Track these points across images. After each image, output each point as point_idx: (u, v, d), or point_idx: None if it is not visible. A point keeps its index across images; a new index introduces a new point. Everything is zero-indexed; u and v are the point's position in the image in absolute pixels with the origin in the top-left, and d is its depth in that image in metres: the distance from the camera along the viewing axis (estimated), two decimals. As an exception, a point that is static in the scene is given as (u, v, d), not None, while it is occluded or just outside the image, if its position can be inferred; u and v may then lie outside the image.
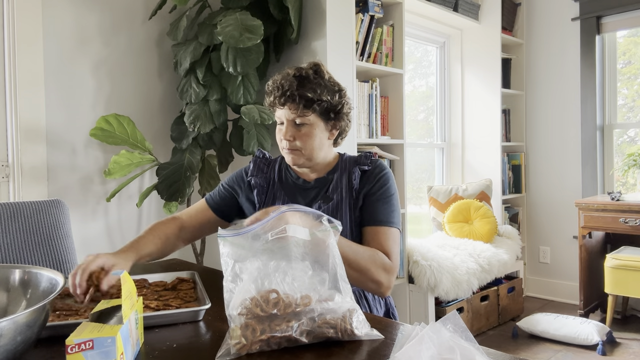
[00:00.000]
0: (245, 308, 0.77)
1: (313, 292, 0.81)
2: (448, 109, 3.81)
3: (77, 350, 0.64)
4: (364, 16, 2.68)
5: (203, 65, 2.24)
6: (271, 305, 0.77)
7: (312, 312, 0.79)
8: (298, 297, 0.79)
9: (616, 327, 2.99)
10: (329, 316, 0.80)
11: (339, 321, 0.80)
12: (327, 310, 0.80)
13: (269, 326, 0.76)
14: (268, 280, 0.80)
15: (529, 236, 3.82)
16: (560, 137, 3.65)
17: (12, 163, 2.03)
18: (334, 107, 1.27)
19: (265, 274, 0.81)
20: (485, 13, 3.58)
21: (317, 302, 0.80)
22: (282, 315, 0.77)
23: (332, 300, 0.81)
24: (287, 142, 1.26)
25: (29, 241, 1.39)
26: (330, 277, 0.85)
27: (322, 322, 0.79)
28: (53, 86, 2.13)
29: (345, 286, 0.85)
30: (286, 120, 1.26)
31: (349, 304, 0.82)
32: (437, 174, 3.80)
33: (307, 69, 1.28)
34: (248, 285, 0.79)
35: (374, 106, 2.77)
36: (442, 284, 2.67)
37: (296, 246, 0.84)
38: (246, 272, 0.80)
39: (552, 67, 3.67)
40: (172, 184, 2.19)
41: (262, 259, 0.82)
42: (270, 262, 0.82)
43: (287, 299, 0.78)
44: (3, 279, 0.87)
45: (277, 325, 0.76)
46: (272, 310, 0.77)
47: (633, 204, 2.80)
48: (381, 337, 0.82)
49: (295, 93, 1.22)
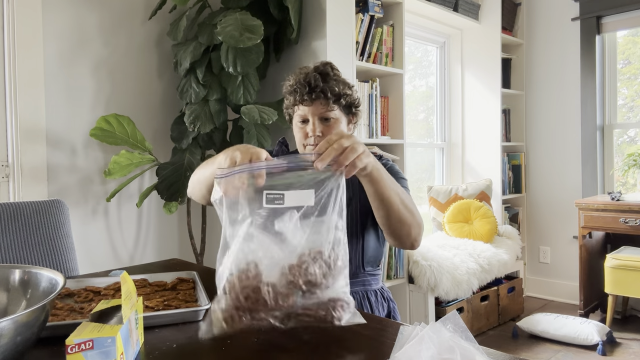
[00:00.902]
0: (227, 291, 0.75)
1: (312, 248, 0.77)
2: (448, 109, 3.81)
3: (77, 350, 0.63)
4: (364, 16, 2.68)
5: (203, 65, 2.24)
6: (250, 302, 0.74)
7: (294, 302, 0.76)
8: (286, 266, 0.75)
9: (616, 327, 2.99)
10: (310, 305, 0.77)
11: (321, 311, 0.77)
12: (309, 302, 0.77)
13: (249, 315, 0.75)
14: (254, 246, 0.76)
15: (529, 236, 3.82)
16: (560, 137, 3.65)
17: (12, 163, 2.03)
18: (354, 101, 1.31)
19: (253, 239, 0.76)
20: (485, 13, 3.58)
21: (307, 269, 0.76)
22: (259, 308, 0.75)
23: (333, 255, 0.78)
24: (314, 139, 1.25)
25: (29, 241, 1.39)
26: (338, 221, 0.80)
27: (304, 312, 0.77)
28: (53, 86, 2.13)
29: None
30: (312, 116, 1.25)
31: (335, 293, 0.78)
32: (437, 174, 3.80)
33: (322, 65, 1.29)
34: (233, 257, 0.75)
35: (374, 106, 2.77)
36: (442, 284, 2.67)
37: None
38: (234, 238, 0.77)
39: (552, 67, 3.67)
40: (172, 184, 2.19)
41: (256, 218, 0.78)
42: (260, 229, 0.77)
43: (268, 293, 0.74)
44: (3, 279, 0.87)
45: (256, 314, 0.75)
46: (249, 306, 0.74)
47: (633, 204, 2.80)
48: (363, 321, 0.79)
49: (326, 88, 1.24)
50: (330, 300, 0.78)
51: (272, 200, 0.80)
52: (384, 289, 1.39)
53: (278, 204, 0.80)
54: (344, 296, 0.80)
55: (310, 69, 1.28)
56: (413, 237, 1.15)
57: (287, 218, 0.78)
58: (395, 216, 1.09)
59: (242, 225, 0.78)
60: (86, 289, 1.06)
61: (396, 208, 1.07)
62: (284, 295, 0.75)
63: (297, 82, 1.26)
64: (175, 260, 1.51)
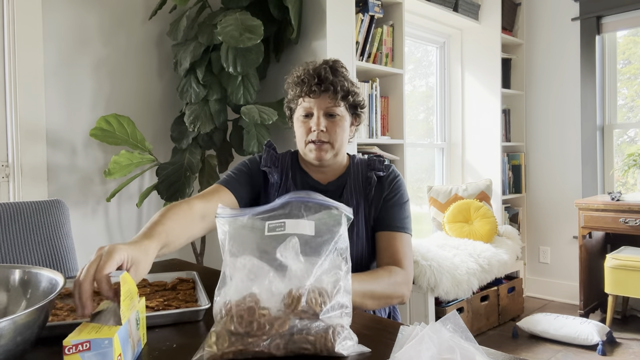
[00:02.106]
0: (223, 315, 0.72)
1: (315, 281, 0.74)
2: (448, 109, 3.81)
3: (74, 351, 0.63)
4: (364, 16, 2.68)
5: (203, 65, 2.24)
6: (244, 325, 0.71)
7: (291, 328, 0.72)
8: (285, 293, 0.72)
9: (616, 327, 2.99)
10: (309, 331, 0.72)
11: (319, 337, 0.72)
12: (308, 326, 0.72)
13: (241, 339, 0.71)
14: (254, 275, 0.74)
15: (529, 236, 3.82)
16: (560, 137, 3.65)
17: (12, 163, 2.03)
18: (360, 101, 1.29)
19: (253, 273, 0.75)
20: (485, 13, 3.58)
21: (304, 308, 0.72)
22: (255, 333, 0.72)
23: (334, 294, 0.74)
24: (317, 134, 1.21)
25: (29, 241, 1.39)
26: (344, 263, 0.78)
27: (300, 338, 0.72)
28: (53, 86, 2.13)
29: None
30: (318, 110, 1.22)
31: (336, 320, 0.74)
32: (437, 174, 3.80)
33: (331, 61, 1.26)
34: (233, 285, 0.74)
35: (374, 106, 2.77)
36: (442, 284, 2.67)
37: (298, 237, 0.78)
38: (236, 270, 0.75)
39: (552, 67, 3.67)
40: (172, 184, 2.19)
41: (256, 254, 0.77)
42: (262, 261, 0.75)
43: (263, 316, 0.71)
44: (3, 279, 0.87)
45: (250, 338, 0.71)
46: (243, 330, 0.71)
47: (633, 204, 2.80)
48: (368, 350, 0.75)
49: (336, 81, 1.21)
50: (331, 326, 0.73)
51: (273, 228, 0.80)
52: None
53: (279, 232, 0.79)
54: (346, 325, 0.76)
55: (319, 62, 1.25)
56: (398, 302, 1.18)
57: (288, 246, 0.76)
58: (372, 308, 1.13)
59: (243, 256, 0.77)
60: (86, 289, 1.06)
61: (370, 306, 1.10)
62: (282, 321, 0.72)
63: (305, 73, 1.23)
64: (175, 260, 1.51)
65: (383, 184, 1.27)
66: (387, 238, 1.22)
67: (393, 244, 1.20)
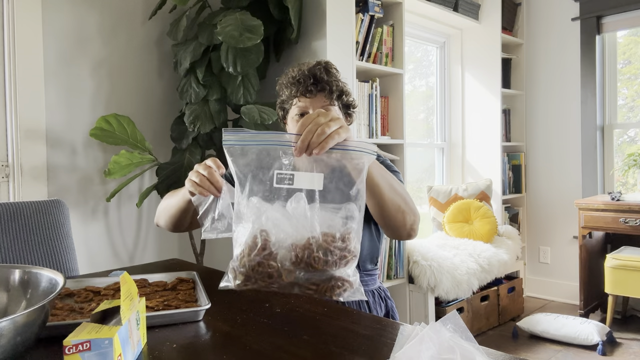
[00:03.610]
0: (239, 254, 0.79)
1: (328, 229, 0.78)
2: (448, 109, 3.81)
3: (74, 351, 0.63)
4: (364, 16, 2.68)
5: (203, 65, 2.24)
6: (255, 275, 0.79)
7: (296, 278, 0.79)
8: (296, 244, 0.78)
9: (616, 327, 2.99)
10: (313, 280, 0.79)
11: (322, 285, 0.79)
12: (313, 277, 0.79)
13: (254, 282, 0.80)
14: (265, 219, 0.78)
15: (529, 236, 3.82)
16: (560, 137, 3.65)
17: (12, 163, 2.03)
18: (352, 101, 1.33)
19: (262, 220, 0.79)
20: (486, 13, 3.58)
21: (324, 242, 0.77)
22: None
23: (346, 239, 0.79)
24: None
25: (29, 241, 1.39)
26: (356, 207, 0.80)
27: (305, 283, 0.79)
28: (53, 86, 2.13)
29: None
30: (313, 109, 1.25)
31: (340, 273, 0.79)
32: (437, 174, 3.80)
33: (323, 62, 1.29)
34: (246, 226, 0.79)
35: (374, 106, 2.77)
36: (442, 284, 2.67)
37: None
38: (249, 209, 0.80)
39: (552, 67, 3.67)
40: (172, 184, 2.19)
41: (267, 194, 0.81)
42: (274, 201, 0.80)
43: (272, 267, 0.78)
44: (3, 279, 0.87)
45: (262, 282, 0.80)
46: (254, 277, 0.79)
47: (633, 204, 2.80)
48: (364, 298, 0.81)
49: (331, 81, 1.25)
50: (334, 278, 0.79)
51: (281, 180, 0.80)
52: (382, 288, 1.38)
53: (288, 184, 0.80)
54: (347, 277, 0.80)
55: (312, 63, 1.29)
56: (409, 226, 1.09)
57: (298, 200, 0.79)
58: (386, 203, 1.03)
59: (255, 198, 0.81)
60: (86, 289, 1.06)
61: (387, 194, 1.02)
62: (288, 272, 0.78)
63: (300, 74, 1.26)
64: (175, 260, 1.51)
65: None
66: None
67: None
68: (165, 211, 1.26)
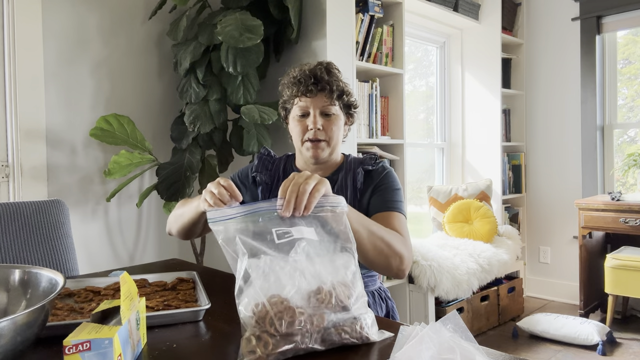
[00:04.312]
0: (257, 318, 0.73)
1: (334, 277, 0.78)
2: (448, 109, 3.81)
3: (74, 351, 0.63)
4: (364, 16, 2.68)
5: (203, 65, 2.24)
6: (286, 325, 0.73)
7: (328, 322, 0.76)
8: (313, 290, 0.76)
9: (616, 327, 2.99)
10: (344, 322, 0.77)
11: (353, 327, 0.77)
12: (341, 318, 0.77)
13: (283, 339, 0.73)
14: (275, 277, 0.75)
15: (529, 236, 3.82)
16: (560, 137, 3.65)
17: (12, 163, 2.03)
18: (353, 102, 1.33)
19: (273, 270, 0.76)
20: (486, 13, 3.58)
21: (332, 296, 0.76)
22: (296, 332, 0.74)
23: (354, 285, 0.79)
24: (314, 132, 1.26)
25: (29, 241, 1.39)
26: (353, 258, 0.82)
27: (337, 330, 0.76)
28: (53, 86, 2.13)
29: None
30: (314, 109, 1.26)
31: (362, 310, 0.80)
32: (437, 174, 3.80)
33: (325, 62, 1.31)
34: (257, 284, 0.75)
35: (374, 106, 2.77)
36: (442, 284, 2.67)
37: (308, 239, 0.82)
38: (255, 271, 0.76)
39: (552, 67, 3.67)
40: (172, 184, 2.19)
41: (270, 252, 0.79)
42: (279, 258, 0.78)
43: (302, 314, 0.74)
44: (3, 279, 0.87)
45: (292, 337, 0.73)
46: (285, 331, 0.73)
47: (633, 204, 2.80)
48: (391, 335, 0.81)
49: (331, 81, 1.26)
50: (358, 316, 0.79)
51: (282, 235, 0.82)
52: (382, 289, 1.38)
53: (289, 238, 0.82)
54: (367, 312, 0.81)
55: (313, 63, 1.30)
56: (395, 268, 1.09)
57: (299, 250, 0.80)
58: (366, 247, 1.03)
59: (260, 257, 0.78)
60: (86, 289, 1.06)
61: (365, 239, 1.02)
62: (318, 316, 0.75)
63: (302, 74, 1.27)
64: (175, 260, 1.51)
65: (372, 176, 1.29)
66: (381, 218, 1.19)
67: (389, 223, 1.17)
68: (177, 222, 1.27)
